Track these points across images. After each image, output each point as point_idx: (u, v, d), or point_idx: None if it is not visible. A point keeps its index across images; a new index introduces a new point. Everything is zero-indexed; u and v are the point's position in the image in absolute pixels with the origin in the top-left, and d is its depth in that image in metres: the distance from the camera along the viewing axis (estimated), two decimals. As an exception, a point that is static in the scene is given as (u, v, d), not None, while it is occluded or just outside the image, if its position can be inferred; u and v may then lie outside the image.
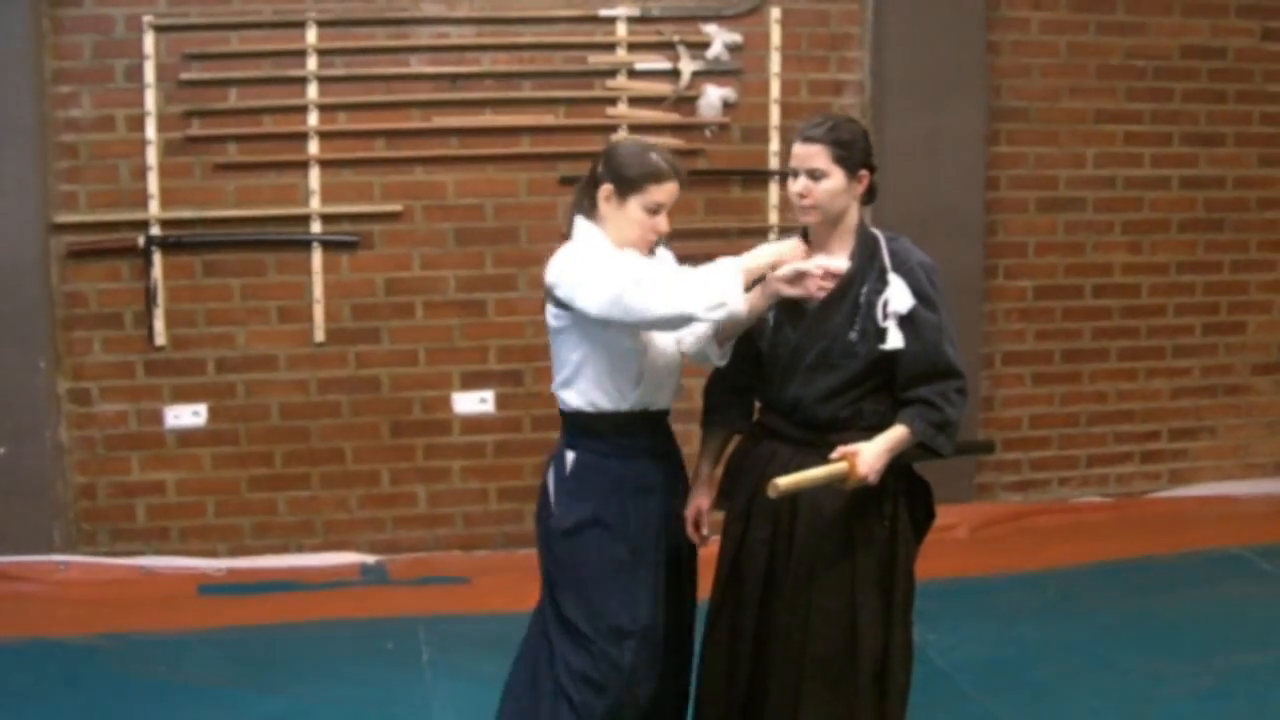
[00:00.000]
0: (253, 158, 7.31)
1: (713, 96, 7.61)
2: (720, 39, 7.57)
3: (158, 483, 7.45)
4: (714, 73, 7.63)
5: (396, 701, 5.77)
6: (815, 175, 4.24)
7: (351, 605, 6.96)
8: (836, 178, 4.24)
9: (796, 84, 7.78)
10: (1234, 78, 8.29)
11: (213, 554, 7.50)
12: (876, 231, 4.37)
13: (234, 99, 7.28)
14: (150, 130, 7.18)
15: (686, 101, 7.63)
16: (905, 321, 4.23)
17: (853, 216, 4.35)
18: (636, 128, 7.59)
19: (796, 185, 4.28)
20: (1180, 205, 8.34)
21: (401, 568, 7.41)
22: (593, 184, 4.40)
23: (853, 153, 4.26)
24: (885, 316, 4.23)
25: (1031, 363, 8.20)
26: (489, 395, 7.63)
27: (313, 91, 7.32)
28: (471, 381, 7.64)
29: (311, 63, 7.29)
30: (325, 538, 7.55)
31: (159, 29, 7.13)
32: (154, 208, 7.22)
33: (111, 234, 7.22)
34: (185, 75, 7.19)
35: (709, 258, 4.35)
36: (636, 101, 7.62)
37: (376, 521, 7.62)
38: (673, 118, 7.64)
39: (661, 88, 7.61)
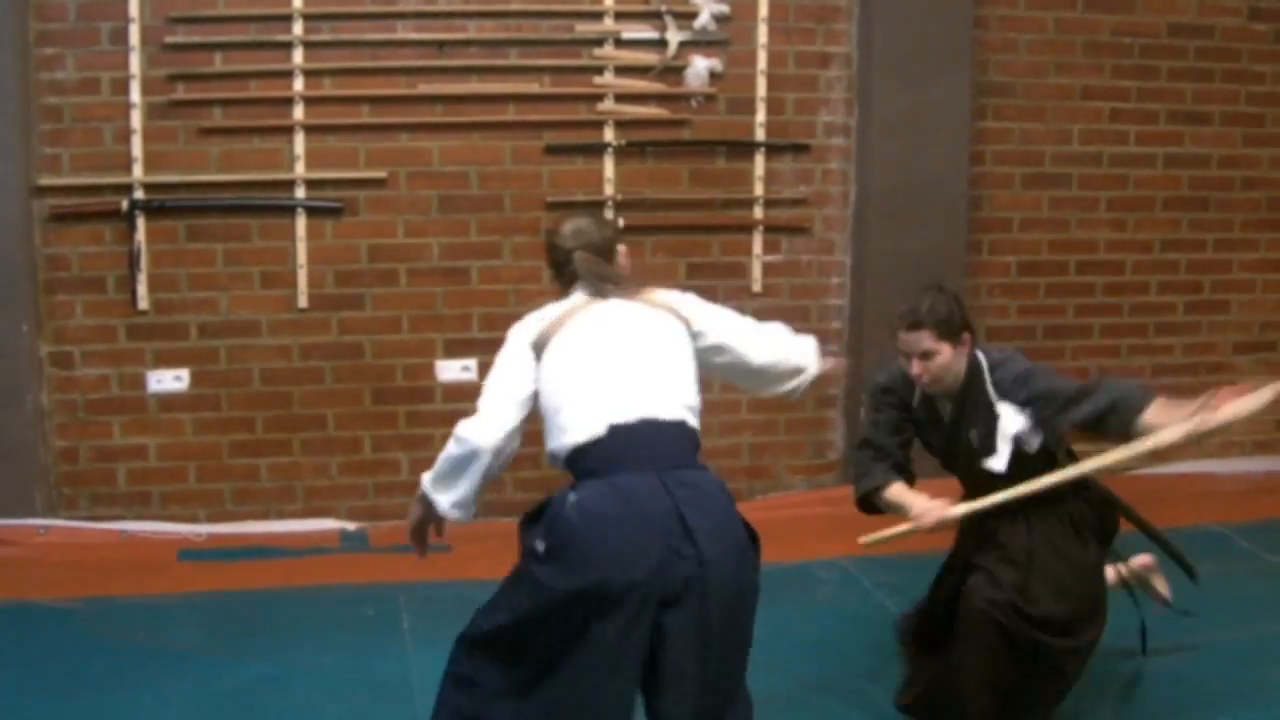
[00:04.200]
0: (237, 122, 7.29)
1: (699, 67, 7.60)
2: (708, 9, 7.55)
3: (139, 447, 7.44)
4: (701, 43, 7.62)
5: (376, 668, 5.77)
6: (926, 356, 4.90)
7: (332, 572, 6.97)
8: (945, 352, 4.90)
9: (783, 56, 7.77)
10: (1221, 57, 8.30)
11: (193, 519, 7.49)
12: (982, 361, 5.00)
13: (219, 63, 7.25)
14: (135, 93, 7.16)
15: (673, 71, 7.62)
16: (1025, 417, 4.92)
17: (961, 367, 4.98)
18: (622, 97, 7.59)
19: (914, 368, 4.95)
20: (1165, 183, 8.36)
21: (382, 535, 7.41)
22: None
23: (952, 324, 4.91)
24: (1000, 439, 4.95)
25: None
26: (472, 363, 7.62)
27: (298, 56, 7.30)
28: (454, 349, 7.63)
29: (297, 27, 7.27)
30: (306, 504, 7.55)
31: (144, -9, 7.12)
32: (138, 171, 7.20)
33: (95, 197, 7.20)
34: (170, 38, 7.16)
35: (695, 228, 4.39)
36: (623, 71, 7.61)
37: (358, 488, 7.62)
38: (659, 88, 7.63)
39: (648, 57, 7.59)
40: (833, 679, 5.68)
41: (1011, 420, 4.92)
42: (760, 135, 7.77)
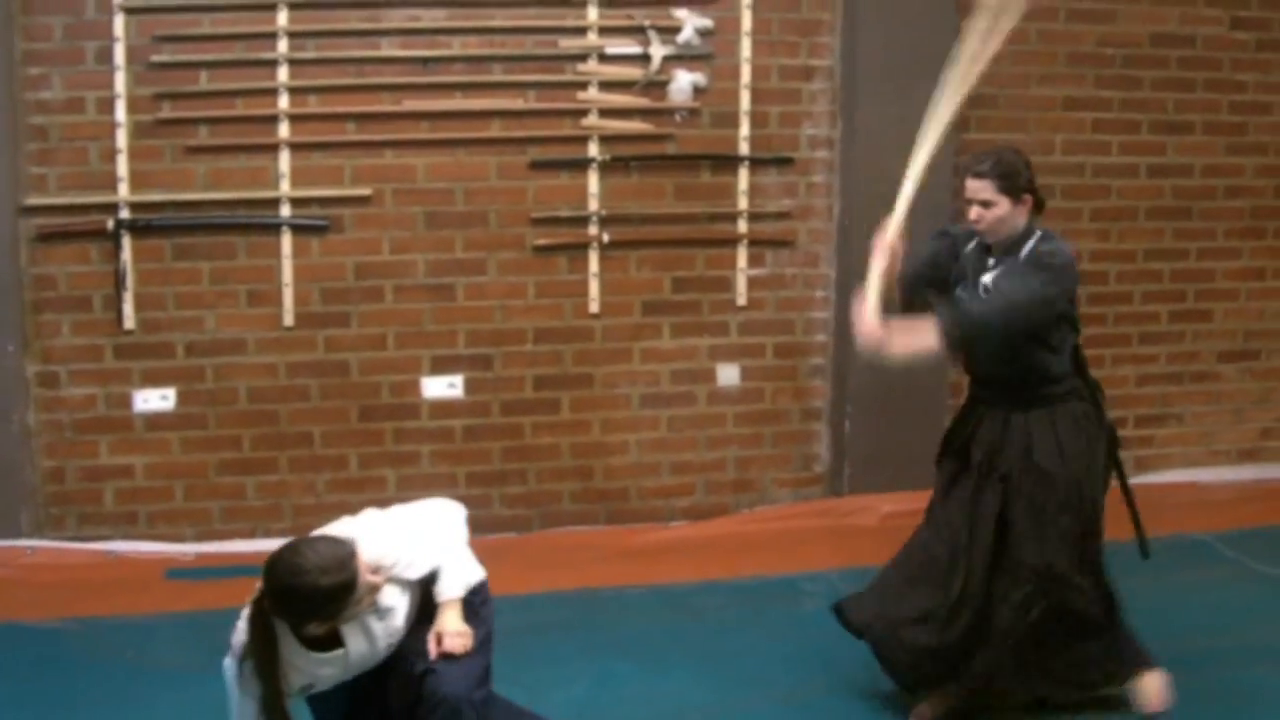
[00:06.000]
0: (223, 140, 7.30)
1: (683, 81, 7.62)
2: (691, 23, 7.57)
3: (126, 466, 7.44)
4: (684, 57, 7.64)
5: (365, 685, 5.77)
6: (986, 205, 5.16)
7: (320, 589, 6.96)
8: (1003, 205, 5.15)
9: (767, 69, 7.79)
10: (1202, 66, 8.32)
11: (180, 538, 7.50)
12: (1038, 233, 5.23)
13: (204, 81, 7.26)
14: (120, 112, 7.16)
15: (657, 86, 7.63)
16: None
17: (1020, 226, 5.20)
18: (607, 112, 7.61)
19: (971, 213, 5.20)
20: (1148, 193, 8.38)
21: (370, 552, 7.40)
22: None
23: (1015, 182, 5.16)
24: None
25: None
26: (458, 380, 7.64)
27: (283, 74, 7.30)
28: (441, 365, 7.65)
29: (282, 45, 7.28)
30: (293, 522, 7.54)
31: (129, 10, 7.11)
32: (124, 190, 7.20)
33: (81, 217, 7.20)
34: (156, 57, 7.16)
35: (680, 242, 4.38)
36: (607, 86, 7.62)
37: (345, 505, 7.51)
38: (643, 102, 7.65)
39: (632, 72, 7.61)
40: (817, 692, 5.69)
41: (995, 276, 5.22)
42: (744, 149, 7.79)
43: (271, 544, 7.35)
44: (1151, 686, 5.44)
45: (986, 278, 5.21)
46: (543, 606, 6.69)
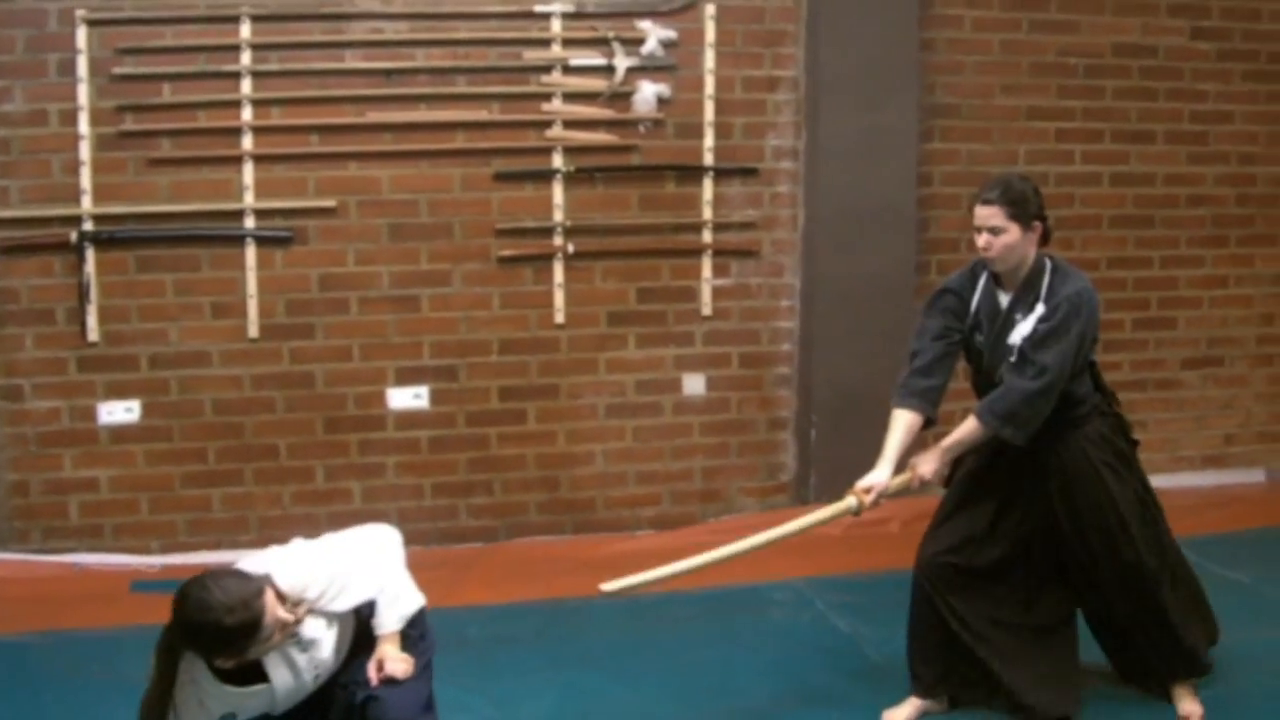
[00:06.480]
0: (186, 153, 7.27)
1: (647, 92, 7.62)
2: (655, 35, 7.58)
3: (91, 479, 7.41)
4: (649, 69, 7.65)
5: (331, 697, 5.75)
6: (995, 232, 5.05)
7: (286, 601, 6.93)
8: (1013, 232, 5.05)
9: (731, 80, 7.80)
10: (1164, 76, 8.37)
11: (146, 551, 7.46)
12: (1049, 264, 5.19)
13: (168, 94, 7.24)
14: (83, 125, 7.14)
15: (621, 97, 7.64)
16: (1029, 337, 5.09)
17: (1030, 256, 5.15)
18: (571, 123, 7.61)
19: (980, 240, 5.11)
20: (1111, 202, 8.42)
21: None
22: None
23: (1025, 208, 5.06)
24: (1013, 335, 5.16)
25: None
26: (423, 391, 7.63)
27: (247, 86, 7.28)
28: (406, 377, 7.64)
29: (246, 57, 7.26)
30: (259, 534, 7.52)
31: (92, 23, 7.09)
32: (87, 203, 7.17)
33: (44, 229, 7.17)
34: (118, 70, 7.14)
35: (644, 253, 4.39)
36: (571, 97, 7.62)
37: (311, 518, 7.59)
38: (607, 113, 7.66)
39: (596, 83, 7.62)
40: (784, 702, 5.69)
41: (1029, 323, 5.14)
42: (709, 159, 7.80)
43: (237, 556, 7.37)
44: (1193, 701, 5.52)
45: (1021, 327, 5.15)
46: (510, 617, 6.69)
